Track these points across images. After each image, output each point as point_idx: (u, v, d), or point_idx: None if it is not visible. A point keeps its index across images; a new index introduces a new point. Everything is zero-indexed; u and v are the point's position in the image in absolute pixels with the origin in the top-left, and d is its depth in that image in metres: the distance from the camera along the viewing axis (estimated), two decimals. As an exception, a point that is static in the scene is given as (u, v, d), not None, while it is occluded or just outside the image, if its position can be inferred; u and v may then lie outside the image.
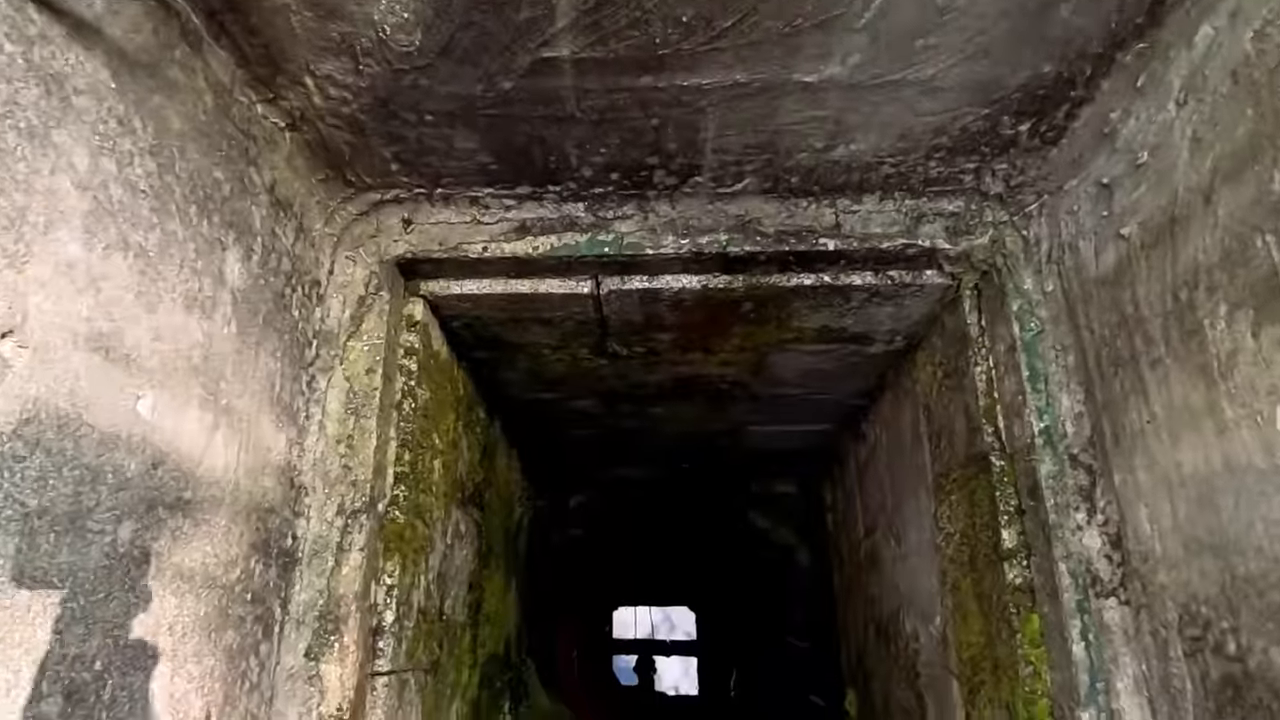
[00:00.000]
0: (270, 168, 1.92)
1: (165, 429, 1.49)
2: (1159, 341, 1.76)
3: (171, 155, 1.54)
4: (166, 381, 1.50)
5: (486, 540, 3.29)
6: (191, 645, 1.55)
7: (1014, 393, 2.22)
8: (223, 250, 1.71)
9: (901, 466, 3.09)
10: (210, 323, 1.65)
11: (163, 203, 1.50)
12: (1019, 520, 2.19)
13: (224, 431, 1.69)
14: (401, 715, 2.23)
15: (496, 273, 2.44)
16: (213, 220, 1.67)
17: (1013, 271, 2.27)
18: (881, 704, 3.45)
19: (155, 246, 1.47)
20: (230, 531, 1.70)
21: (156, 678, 1.44)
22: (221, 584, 1.66)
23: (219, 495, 1.66)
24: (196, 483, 1.58)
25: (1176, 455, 1.71)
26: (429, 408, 2.51)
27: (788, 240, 2.32)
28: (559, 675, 6.35)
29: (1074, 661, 1.93)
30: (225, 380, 1.70)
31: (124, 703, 1.35)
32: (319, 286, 2.20)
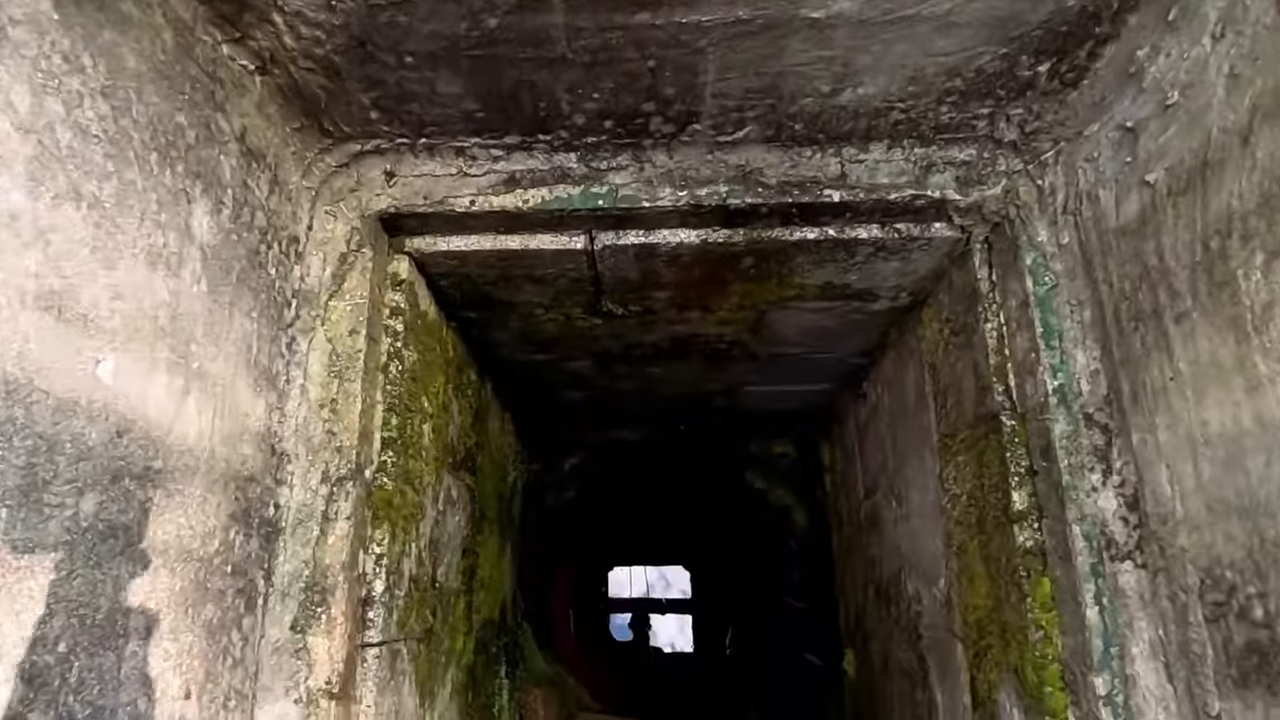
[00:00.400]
0: (239, 114, 1.79)
1: (130, 395, 1.39)
2: (1185, 294, 1.67)
3: (127, 98, 1.41)
4: (129, 344, 1.39)
5: (480, 505, 3.22)
6: (168, 622, 1.46)
7: (1026, 350, 2.13)
8: (189, 203, 1.59)
9: (904, 427, 3.02)
10: (177, 280, 1.54)
11: (119, 149, 1.38)
12: (1030, 482, 2.12)
13: (196, 397, 1.59)
14: (394, 686, 2.17)
15: (485, 228, 2.33)
16: (176, 170, 1.55)
17: (1026, 223, 2.16)
18: (881, 664, 3.42)
19: (112, 197, 1.36)
20: (206, 502, 1.61)
21: (129, 657, 1.36)
22: (198, 557, 1.57)
23: (193, 464, 1.57)
24: (167, 451, 1.49)
25: (1202, 413, 1.63)
26: (417, 370, 2.41)
27: (791, 191, 2.21)
28: (555, 636, 6.36)
29: (1087, 626, 1.88)
30: (196, 342, 1.60)
31: (93, 684, 1.27)
32: (297, 243, 2.08)
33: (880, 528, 3.38)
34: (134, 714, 1.36)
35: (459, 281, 2.57)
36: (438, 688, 2.59)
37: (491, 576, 3.42)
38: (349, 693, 1.94)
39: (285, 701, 1.82)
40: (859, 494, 3.73)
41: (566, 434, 4.56)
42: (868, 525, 3.58)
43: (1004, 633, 2.19)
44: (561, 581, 7.69)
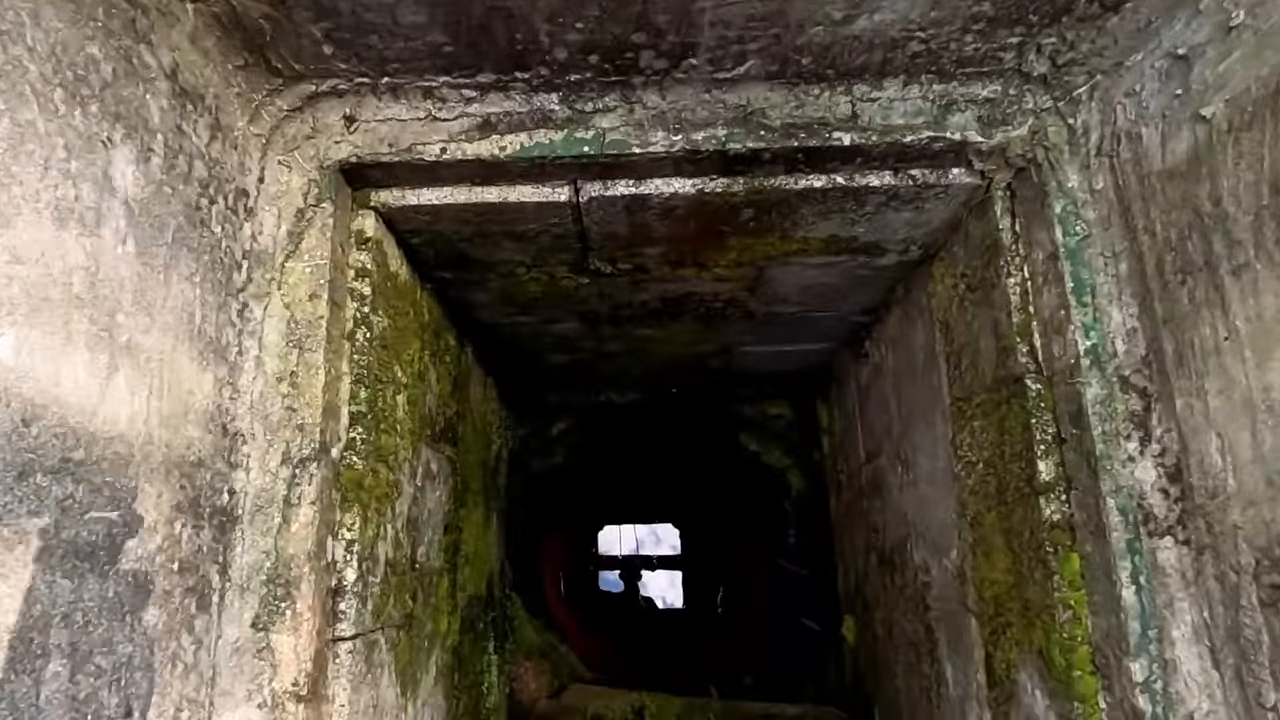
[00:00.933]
0: (169, 48, 1.55)
1: (39, 375, 1.18)
2: (1247, 243, 1.48)
3: (19, 21, 1.18)
4: (35, 315, 1.18)
5: (462, 477, 3.04)
6: (98, 634, 1.28)
7: (1054, 307, 1.95)
8: (108, 149, 1.36)
9: (912, 389, 2.85)
10: (96, 241, 1.32)
11: (10, 84, 1.16)
12: (1058, 450, 1.95)
13: (127, 374, 1.38)
14: (371, 680, 2.01)
15: (459, 179, 2.10)
16: (89, 110, 1.32)
17: (1055, 167, 1.96)
18: (884, 633, 3.31)
19: (2, 141, 1.14)
20: (144, 493, 1.42)
21: (49, 680, 1.17)
22: (135, 556, 1.38)
23: (125, 452, 1.37)
24: (91, 439, 1.29)
25: (1264, 377, 1.45)
26: (388, 337, 2.21)
27: (796, 135, 2.00)
28: (546, 601, 6.26)
29: (1123, 607, 1.73)
30: (124, 312, 1.38)
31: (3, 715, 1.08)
32: (246, 198, 1.85)
33: (884, 493, 3.24)
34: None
35: (432, 239, 2.35)
36: (420, 674, 2.43)
37: (477, 550, 3.26)
38: (319, 692, 1.78)
39: (247, 707, 1.65)
40: (860, 457, 3.58)
41: (553, 398, 4.37)
42: (870, 490, 3.44)
43: (1026, 611, 2.05)
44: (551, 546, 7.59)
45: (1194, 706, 1.63)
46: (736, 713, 3.89)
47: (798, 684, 4.82)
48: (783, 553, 5.55)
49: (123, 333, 1.38)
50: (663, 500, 9.75)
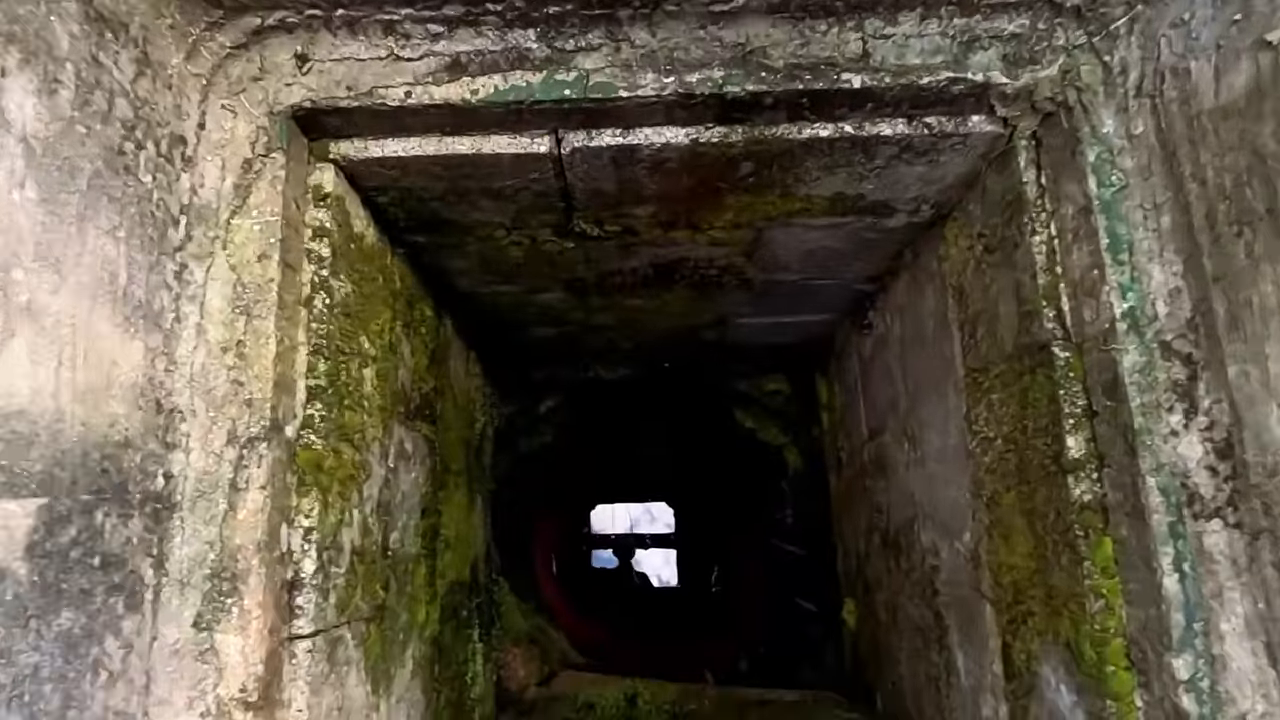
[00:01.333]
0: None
1: (-96, 340, 0.98)
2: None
3: None
4: (-105, 267, 0.98)
5: (442, 457, 2.85)
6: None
7: (1086, 267, 1.76)
8: None
9: (920, 360, 2.66)
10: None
11: None
12: (1089, 424, 1.77)
13: (28, 340, 1.19)
14: (335, 680, 1.83)
15: (427, 128, 1.90)
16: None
17: (1089, 111, 1.77)
18: (888, 617, 3.15)
19: None
20: (54, 480, 1.22)
21: (-77, 702, 0.99)
22: (41, 553, 1.19)
23: (27, 431, 1.18)
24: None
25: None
26: (351, 304, 2.01)
27: (801, 77, 1.79)
28: (537, 583, 6.11)
29: (1164, 597, 1.56)
30: (22, 268, 1.18)
31: None
32: (184, 146, 1.65)
33: (888, 472, 3.07)
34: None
35: (400, 197, 2.15)
36: (395, 669, 2.26)
37: (459, 534, 3.08)
38: (272, 697, 1.60)
39: (188, 716, 1.47)
40: (862, 434, 3.41)
41: (540, 374, 4.18)
42: (873, 468, 3.27)
43: (1050, 599, 1.88)
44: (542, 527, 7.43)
45: (1246, 707, 1.47)
46: (732, 699, 3.74)
47: (794, 667, 4.69)
48: (779, 533, 5.39)
49: (21, 291, 1.18)
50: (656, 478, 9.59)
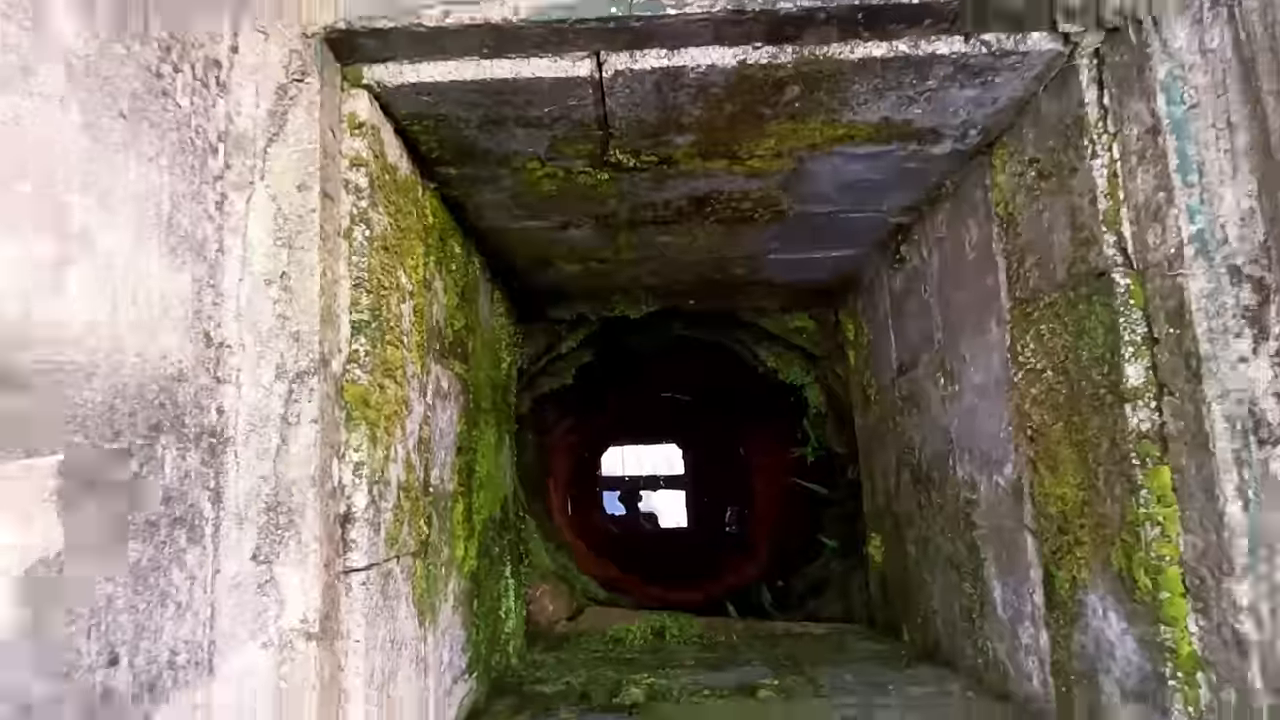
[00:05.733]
0: None
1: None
2: None
3: None
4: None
5: (473, 396, 2.83)
6: (68, 573, 1.08)
7: (1152, 190, 1.70)
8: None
9: (960, 293, 2.62)
10: (27, 101, 1.07)
11: (-109, -120, 0.89)
12: (1149, 352, 1.74)
13: (81, 269, 1.15)
14: (388, 612, 1.84)
15: (465, 50, 1.82)
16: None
17: (1159, 24, 1.69)
18: (918, 553, 3.16)
19: (-116, -46, 0.87)
20: (113, 410, 1.20)
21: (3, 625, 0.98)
22: (108, 484, 1.17)
23: (85, 362, 1.15)
24: (39, 346, 1.06)
25: None
26: (389, 238, 1.96)
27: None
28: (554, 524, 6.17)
29: (1227, 524, 1.54)
30: (71, 193, 1.14)
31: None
32: (218, 69, 1.58)
33: (921, 407, 3.04)
34: (23, 703, 0.99)
35: (434, 126, 2.08)
36: (439, 603, 2.27)
37: (490, 473, 3.09)
38: (331, 628, 1.61)
39: (252, 647, 1.48)
40: (892, 370, 3.38)
41: (563, 312, 4.13)
42: (904, 405, 3.24)
43: (1100, 528, 1.87)
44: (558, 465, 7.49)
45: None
46: (759, 631, 3.80)
47: (817, 602, 4.75)
48: (799, 470, 5.41)
49: (72, 219, 1.14)
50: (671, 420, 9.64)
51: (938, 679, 2.72)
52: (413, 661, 2.02)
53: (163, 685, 1.28)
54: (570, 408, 6.53)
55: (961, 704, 2.40)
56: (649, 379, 7.09)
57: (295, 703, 1.48)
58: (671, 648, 3.56)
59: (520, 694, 2.75)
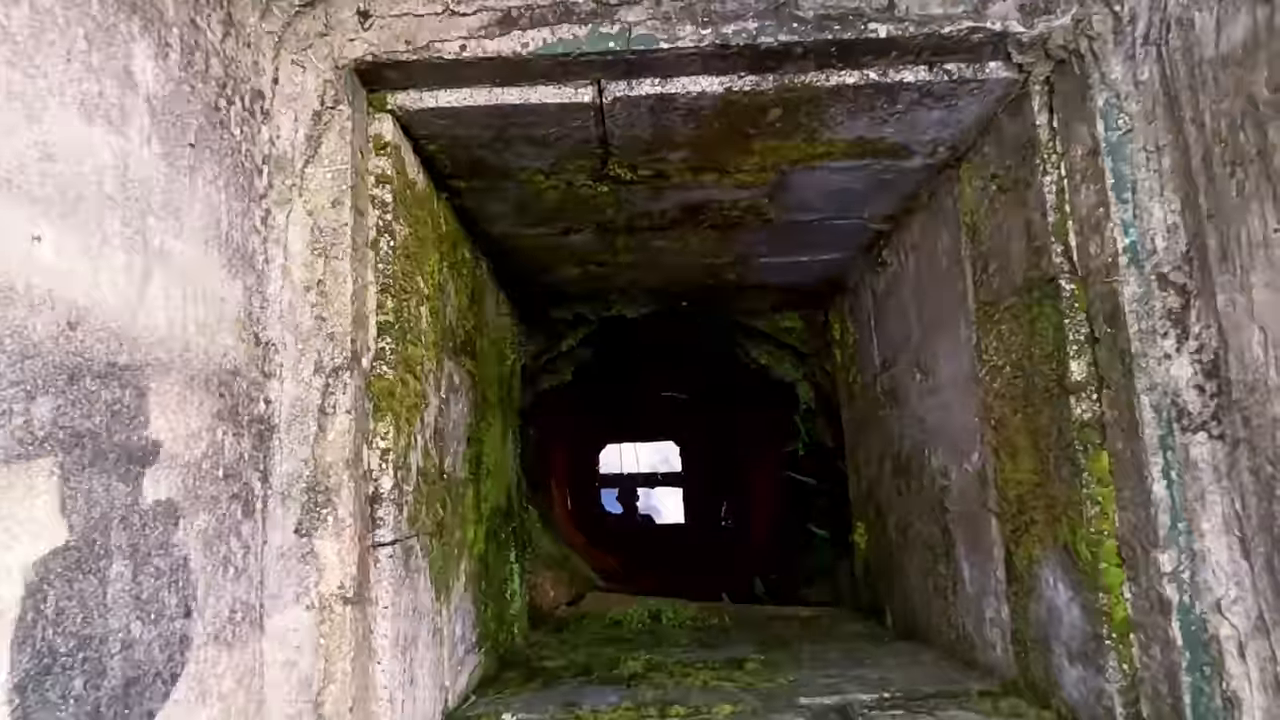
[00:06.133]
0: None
1: (80, 277, 1.16)
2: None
3: (28, -103, 1.10)
4: (71, 215, 1.14)
5: (481, 391, 3.04)
6: (154, 536, 1.29)
7: (1093, 205, 1.91)
8: (128, 43, 1.30)
9: (933, 295, 2.83)
10: (123, 139, 1.27)
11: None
12: (1090, 350, 1.95)
13: (161, 279, 1.36)
14: (410, 583, 2.05)
15: (479, 79, 2.03)
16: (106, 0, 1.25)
17: (1099, 58, 1.90)
18: (898, 536, 3.38)
19: (24, 28, 1.08)
20: (186, 400, 1.41)
21: (114, 580, 1.18)
22: (183, 462, 1.38)
23: (166, 358, 1.35)
24: (134, 344, 1.27)
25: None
26: (409, 246, 2.17)
27: (830, 27, 1.92)
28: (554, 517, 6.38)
29: (1154, 501, 1.75)
30: (153, 214, 1.35)
31: (73, 613, 1.10)
32: (262, 99, 1.79)
33: (900, 401, 3.26)
34: (126, 640, 1.20)
35: (449, 145, 2.29)
36: (452, 580, 2.48)
37: (497, 463, 3.30)
38: (364, 595, 1.81)
39: (296, 609, 1.69)
40: (875, 367, 3.59)
41: (563, 313, 4.34)
42: (885, 399, 3.46)
43: (1051, 508, 2.08)
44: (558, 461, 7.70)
45: (1221, 594, 1.68)
46: (749, 615, 4.01)
47: (808, 589, 4.96)
48: (791, 465, 5.63)
49: (154, 236, 1.34)
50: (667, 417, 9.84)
51: (913, 652, 2.93)
52: (431, 630, 2.23)
53: (225, 636, 1.49)
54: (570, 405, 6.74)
55: (932, 670, 2.61)
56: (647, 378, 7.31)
57: (334, 657, 1.69)
58: (667, 630, 3.77)
59: (527, 668, 2.96)
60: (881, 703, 2.29)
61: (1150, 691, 1.79)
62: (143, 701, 1.23)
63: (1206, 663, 1.68)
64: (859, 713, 2.20)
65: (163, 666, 1.29)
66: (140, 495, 1.25)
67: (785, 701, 2.32)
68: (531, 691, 2.59)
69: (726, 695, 2.40)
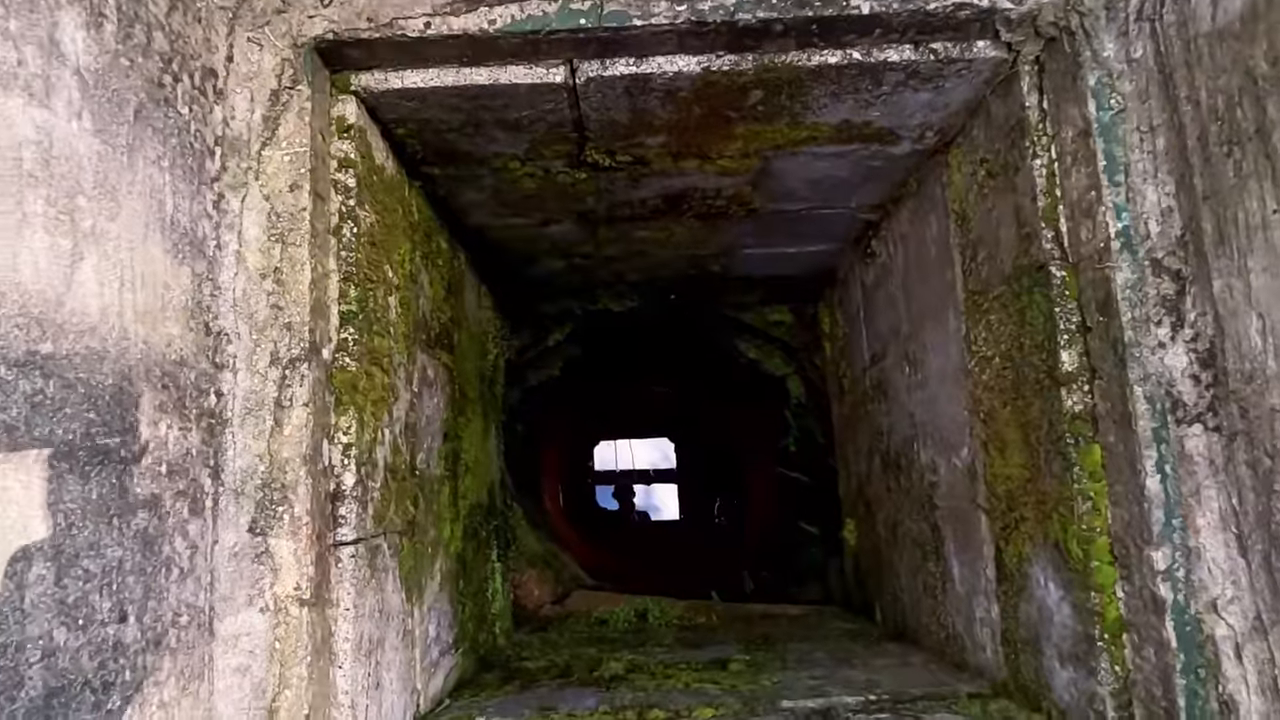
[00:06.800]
0: (115, -102, 1.38)
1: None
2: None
3: None
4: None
5: (459, 385, 2.96)
6: (83, 537, 1.21)
7: (1084, 188, 1.84)
8: (53, 10, 1.22)
9: (922, 286, 2.75)
10: (47, 112, 1.19)
11: (-72, -79, 1.01)
12: (1082, 339, 1.87)
13: (94, 263, 1.27)
14: (375, 585, 1.97)
15: (445, 58, 1.95)
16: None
17: (1090, 35, 1.82)
18: (888, 534, 3.30)
19: (-76, -13, 1.00)
20: (122, 391, 1.32)
21: (31, 583, 1.10)
22: (118, 457, 1.30)
23: (99, 347, 1.27)
24: (59, 332, 1.19)
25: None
26: (376, 234, 2.09)
27: (811, 3, 1.84)
28: (546, 515, 6.30)
29: (1147, 496, 1.68)
30: (84, 194, 1.26)
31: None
32: (215, 78, 1.70)
33: (889, 395, 3.18)
34: (48, 648, 1.12)
35: (419, 129, 2.20)
36: (425, 580, 2.40)
37: (477, 460, 3.21)
38: (323, 596, 1.73)
39: (249, 611, 1.61)
40: (864, 361, 3.51)
41: (548, 307, 4.26)
42: (874, 393, 3.38)
43: (1041, 504, 2.01)
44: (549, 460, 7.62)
45: (1217, 593, 1.60)
46: (738, 614, 3.94)
47: (798, 587, 4.89)
48: (783, 460, 5.55)
49: (85, 217, 1.26)
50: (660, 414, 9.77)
51: (902, 653, 2.86)
52: (400, 633, 2.15)
53: (168, 642, 1.41)
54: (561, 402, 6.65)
55: (920, 672, 2.54)
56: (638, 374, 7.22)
57: (290, 661, 1.61)
58: (653, 629, 3.69)
59: (506, 669, 2.89)
60: (867, 706, 2.22)
61: (1143, 694, 1.72)
62: (67, 713, 1.15)
63: (1202, 665, 1.60)
64: (843, 716, 2.13)
65: (92, 675, 1.21)
66: (61, 494, 1.17)
67: (768, 704, 2.25)
68: (508, 694, 2.51)
69: (708, 698, 2.32)
